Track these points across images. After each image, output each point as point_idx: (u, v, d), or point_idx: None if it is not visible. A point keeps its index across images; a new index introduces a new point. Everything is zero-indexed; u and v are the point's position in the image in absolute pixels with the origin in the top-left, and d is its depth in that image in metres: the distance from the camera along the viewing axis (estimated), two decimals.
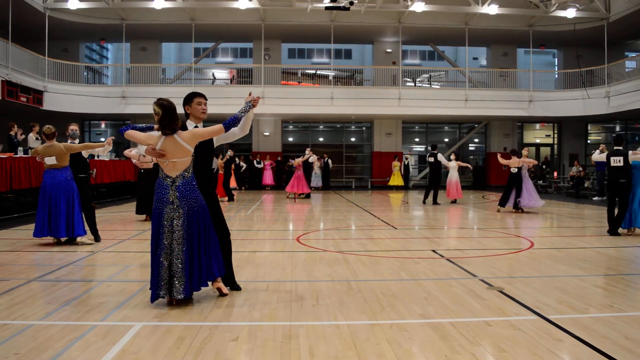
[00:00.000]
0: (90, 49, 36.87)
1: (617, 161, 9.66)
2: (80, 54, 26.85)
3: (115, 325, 4.17)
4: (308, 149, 20.62)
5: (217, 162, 16.52)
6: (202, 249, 4.80)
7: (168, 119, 4.68)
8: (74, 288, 5.44)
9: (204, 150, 5.12)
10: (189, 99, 5.14)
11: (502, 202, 14.16)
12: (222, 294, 5.05)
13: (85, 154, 8.73)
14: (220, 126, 4.82)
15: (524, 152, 14.35)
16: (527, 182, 13.94)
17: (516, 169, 13.95)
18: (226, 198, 17.30)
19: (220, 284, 5.06)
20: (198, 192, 4.85)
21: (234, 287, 5.30)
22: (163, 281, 4.70)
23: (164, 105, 4.70)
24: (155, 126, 4.82)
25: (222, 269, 4.95)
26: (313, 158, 20.08)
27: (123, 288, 5.41)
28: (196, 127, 5.06)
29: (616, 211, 9.75)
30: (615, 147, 9.78)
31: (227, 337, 3.92)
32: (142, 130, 4.88)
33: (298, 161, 18.97)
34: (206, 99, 5.20)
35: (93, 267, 6.58)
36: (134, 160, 11.83)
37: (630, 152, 9.65)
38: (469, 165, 18.41)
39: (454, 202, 17.06)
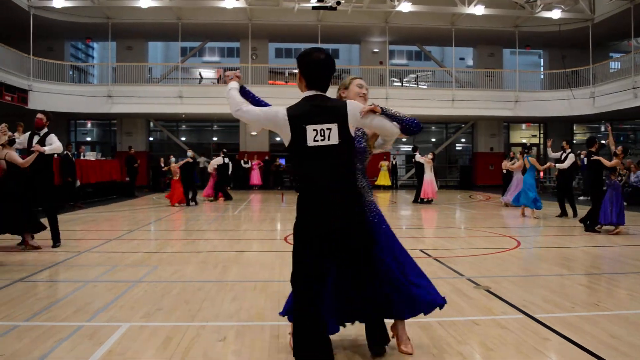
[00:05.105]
0: (75, 47, 36.49)
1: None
2: (65, 53, 26.58)
3: (102, 326, 4.13)
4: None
5: (172, 166, 15.63)
6: None
7: None
8: (60, 289, 5.39)
9: None
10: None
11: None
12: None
13: None
14: None
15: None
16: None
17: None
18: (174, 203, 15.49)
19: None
20: None
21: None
22: None
23: None
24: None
25: None
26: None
27: (110, 288, 5.37)
28: None
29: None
30: (589, 149, 10.72)
31: (215, 337, 3.91)
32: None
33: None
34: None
35: (79, 267, 6.52)
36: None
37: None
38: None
39: (429, 201, 16.66)
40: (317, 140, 3.17)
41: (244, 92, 3.92)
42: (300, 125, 3.20)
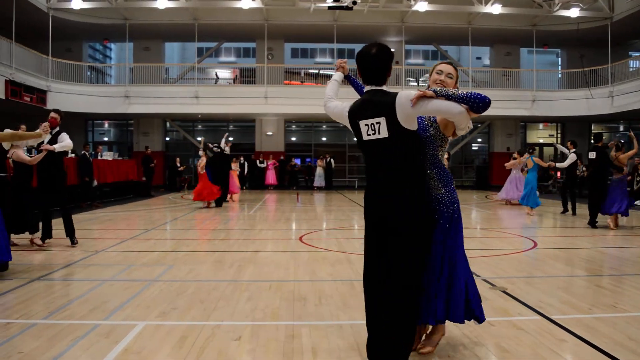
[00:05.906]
0: (93, 48, 36.94)
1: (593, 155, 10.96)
2: (83, 54, 26.87)
3: (118, 325, 4.17)
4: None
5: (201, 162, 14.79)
6: None
7: None
8: (77, 287, 5.45)
9: None
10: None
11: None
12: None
13: (6, 145, 6.94)
14: None
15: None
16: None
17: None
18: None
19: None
20: None
21: None
22: None
23: None
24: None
25: None
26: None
27: (126, 287, 5.41)
28: None
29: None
30: (596, 144, 11.07)
31: (229, 336, 3.92)
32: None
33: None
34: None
35: (96, 266, 6.59)
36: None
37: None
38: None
39: None
40: (370, 135, 3.24)
41: (351, 81, 3.97)
42: (355, 120, 3.31)
